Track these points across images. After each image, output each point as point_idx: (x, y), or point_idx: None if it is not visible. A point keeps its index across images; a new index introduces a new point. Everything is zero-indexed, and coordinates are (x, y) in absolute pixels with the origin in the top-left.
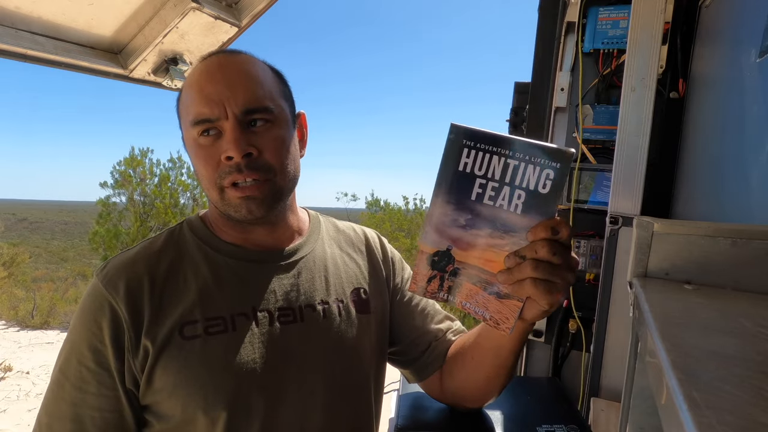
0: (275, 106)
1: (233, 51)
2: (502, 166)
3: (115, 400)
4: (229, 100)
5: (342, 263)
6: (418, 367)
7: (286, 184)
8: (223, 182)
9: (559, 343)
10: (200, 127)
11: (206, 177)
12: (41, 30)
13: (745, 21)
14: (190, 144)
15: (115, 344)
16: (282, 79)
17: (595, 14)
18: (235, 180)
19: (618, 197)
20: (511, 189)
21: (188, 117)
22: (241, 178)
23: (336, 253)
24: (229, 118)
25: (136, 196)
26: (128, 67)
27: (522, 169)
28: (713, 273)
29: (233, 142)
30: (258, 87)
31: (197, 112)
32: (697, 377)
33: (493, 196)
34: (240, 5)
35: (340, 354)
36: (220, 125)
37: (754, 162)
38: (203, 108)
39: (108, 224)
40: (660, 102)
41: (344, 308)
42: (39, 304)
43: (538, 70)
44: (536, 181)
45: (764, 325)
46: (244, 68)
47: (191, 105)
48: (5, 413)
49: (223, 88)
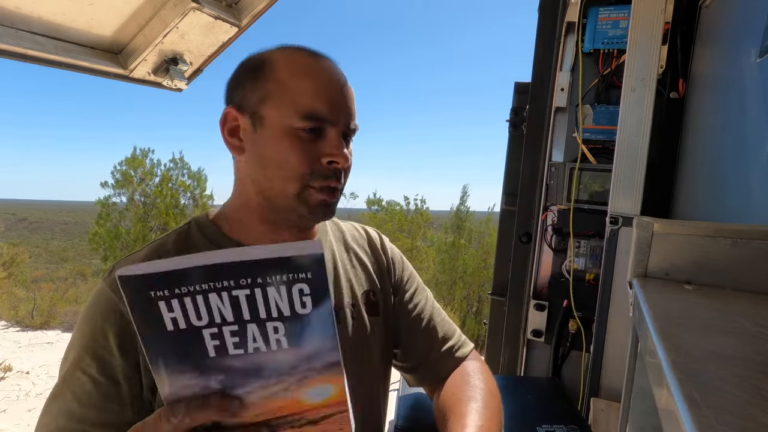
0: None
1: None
2: (230, 301)
3: (120, 414)
4: (343, 110)
5: (351, 266)
6: (415, 377)
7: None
8: (313, 182)
9: (559, 343)
10: (311, 123)
11: (293, 169)
12: (41, 30)
13: (745, 21)
14: (282, 133)
15: (125, 352)
16: None
17: (595, 14)
18: (329, 184)
19: (618, 197)
20: (260, 325)
21: (296, 107)
22: (336, 184)
23: (344, 256)
24: (339, 125)
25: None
26: (128, 67)
27: (260, 296)
28: (713, 273)
29: (342, 150)
30: (355, 106)
31: (315, 107)
32: (697, 377)
33: (238, 343)
34: (240, 5)
35: (354, 359)
36: (326, 127)
37: (754, 162)
38: (322, 105)
39: (108, 224)
40: (660, 102)
41: (356, 312)
42: (39, 304)
43: (538, 70)
44: (289, 305)
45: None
46: (349, 84)
47: (305, 96)
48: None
49: (342, 97)
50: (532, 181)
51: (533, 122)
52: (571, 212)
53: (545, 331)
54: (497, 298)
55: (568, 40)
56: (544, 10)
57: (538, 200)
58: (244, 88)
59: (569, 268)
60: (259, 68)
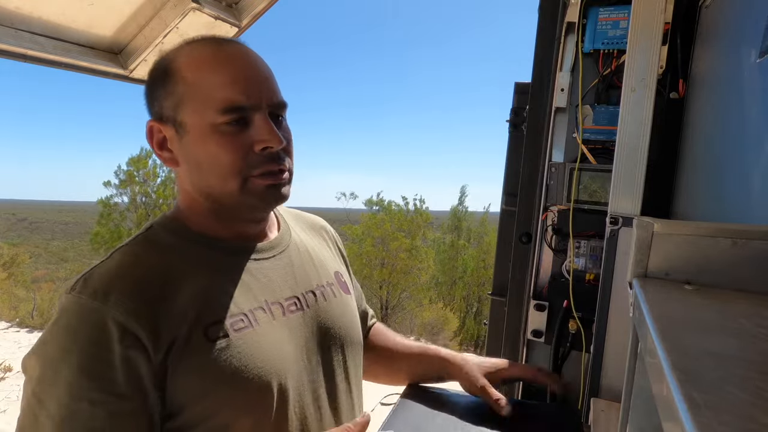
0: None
1: (235, 40)
2: None
3: (129, 428)
4: (263, 92)
5: (318, 248)
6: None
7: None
8: (251, 172)
9: (559, 343)
10: (231, 116)
11: (228, 166)
12: (41, 30)
13: (745, 21)
14: (206, 133)
15: (126, 361)
16: None
17: (595, 14)
18: (269, 169)
19: (618, 197)
20: None
21: (212, 103)
22: (276, 167)
23: (311, 241)
24: (263, 108)
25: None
26: (128, 68)
27: None
28: (713, 273)
29: (273, 133)
30: (275, 81)
31: (231, 99)
32: (697, 377)
33: None
34: (240, 5)
35: (347, 328)
36: (249, 115)
37: (754, 162)
38: (238, 94)
39: (110, 224)
40: (660, 102)
41: (335, 289)
42: (39, 304)
43: (538, 70)
44: None
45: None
46: (264, 61)
47: (218, 90)
48: (5, 413)
49: (257, 78)
50: (532, 182)
51: (533, 122)
52: (571, 212)
53: (545, 331)
54: (497, 298)
55: (568, 40)
56: (544, 10)
57: (538, 200)
58: (158, 98)
59: (569, 268)
60: (166, 72)
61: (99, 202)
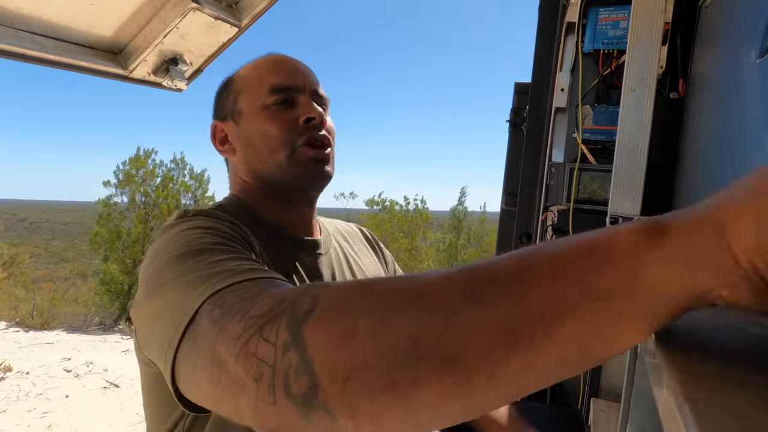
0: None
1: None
2: None
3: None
4: (307, 81)
5: (358, 257)
6: None
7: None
8: (297, 141)
9: None
10: (278, 96)
11: (277, 138)
12: (41, 30)
13: (745, 21)
14: (258, 113)
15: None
16: None
17: (595, 14)
18: (313, 137)
19: (618, 197)
20: None
21: (262, 87)
22: (320, 137)
23: (350, 249)
24: (306, 92)
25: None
26: (128, 68)
27: None
28: None
29: (314, 107)
30: (318, 81)
31: (278, 81)
32: (697, 377)
33: None
34: (240, 5)
35: None
36: (295, 97)
37: (755, 162)
38: (284, 78)
39: (109, 224)
40: (660, 102)
41: None
42: (39, 304)
43: (538, 70)
44: None
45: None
46: (308, 66)
47: (267, 76)
48: (5, 413)
49: (301, 69)
50: (532, 182)
51: (533, 123)
52: (571, 212)
53: None
54: None
55: (568, 40)
56: (544, 10)
57: (538, 200)
58: (221, 102)
59: None
60: (230, 80)
61: (98, 202)
